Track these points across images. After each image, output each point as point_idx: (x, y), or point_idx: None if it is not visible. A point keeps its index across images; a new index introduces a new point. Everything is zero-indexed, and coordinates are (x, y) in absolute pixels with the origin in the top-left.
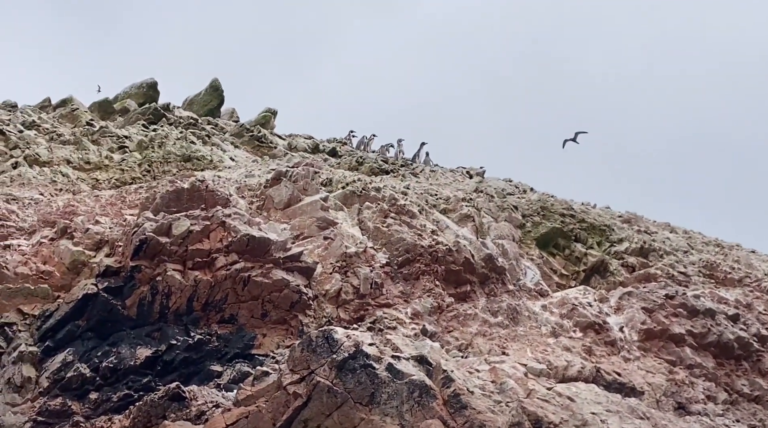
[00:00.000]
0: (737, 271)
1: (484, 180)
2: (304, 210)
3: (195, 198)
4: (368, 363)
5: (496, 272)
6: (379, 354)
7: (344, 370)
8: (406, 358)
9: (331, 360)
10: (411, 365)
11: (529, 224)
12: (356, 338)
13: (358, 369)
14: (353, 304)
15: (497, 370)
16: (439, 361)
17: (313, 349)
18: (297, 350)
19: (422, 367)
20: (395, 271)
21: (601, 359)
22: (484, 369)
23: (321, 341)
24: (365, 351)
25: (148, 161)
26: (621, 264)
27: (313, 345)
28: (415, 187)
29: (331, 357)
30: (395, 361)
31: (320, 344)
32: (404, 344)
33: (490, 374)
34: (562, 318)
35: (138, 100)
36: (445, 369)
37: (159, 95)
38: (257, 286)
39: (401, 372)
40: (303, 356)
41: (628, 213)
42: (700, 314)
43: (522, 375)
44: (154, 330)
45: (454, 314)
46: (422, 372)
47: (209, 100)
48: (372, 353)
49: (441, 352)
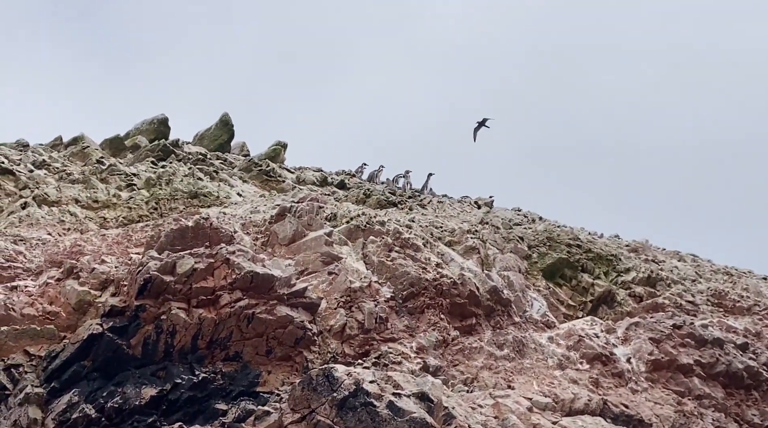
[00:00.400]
0: (746, 300)
1: (491, 210)
2: (308, 245)
3: (199, 235)
4: (369, 401)
5: (502, 304)
6: (380, 391)
7: (345, 409)
8: (407, 395)
9: (331, 398)
10: (412, 402)
11: (536, 255)
12: (357, 376)
13: (358, 408)
14: (358, 339)
15: (500, 405)
16: (440, 397)
17: (314, 388)
18: (297, 389)
19: (423, 404)
20: (400, 305)
21: (609, 391)
22: (488, 404)
23: (321, 379)
24: (366, 388)
25: (156, 199)
26: (628, 294)
27: (314, 384)
28: (420, 220)
29: (331, 396)
30: (396, 398)
31: (321, 382)
32: (405, 380)
33: (493, 409)
34: (568, 349)
35: (149, 136)
36: (446, 406)
37: (170, 131)
38: (261, 323)
39: (402, 410)
40: (303, 395)
41: (635, 242)
42: (708, 344)
43: (526, 410)
44: (159, 370)
45: (460, 347)
46: (423, 409)
47: (219, 135)
48: (373, 390)
49: (443, 388)
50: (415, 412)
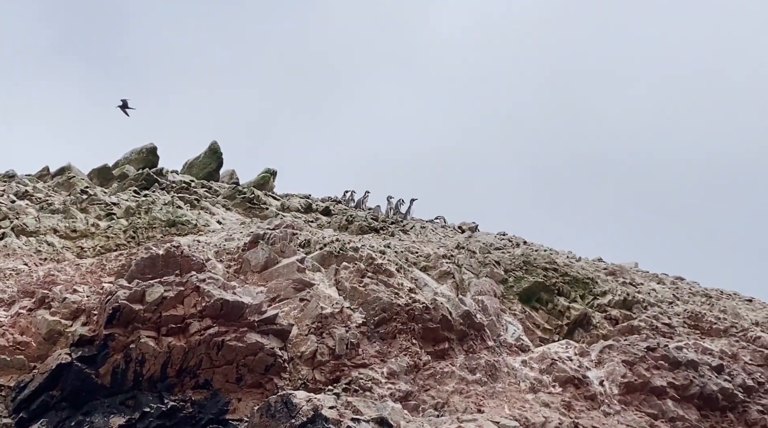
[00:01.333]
0: (723, 321)
1: (473, 235)
2: (280, 272)
3: (170, 264)
4: (327, 426)
5: (475, 329)
6: (339, 417)
7: None
8: (366, 420)
9: (290, 425)
10: (370, 427)
11: (512, 279)
12: (315, 402)
13: None
14: (329, 365)
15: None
16: (399, 422)
17: (272, 415)
18: (256, 416)
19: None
20: (372, 331)
21: (581, 414)
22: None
23: (280, 406)
24: (324, 415)
25: (134, 227)
26: (604, 317)
27: (272, 411)
28: (396, 246)
29: (289, 422)
30: (355, 424)
31: (279, 409)
32: (366, 406)
33: None
34: (541, 373)
35: (138, 165)
36: None
37: (158, 160)
38: (231, 350)
39: None
40: (262, 421)
41: (613, 265)
42: (682, 366)
43: None
44: (128, 398)
45: (431, 372)
46: None
47: (208, 163)
48: (331, 416)
49: (403, 413)
50: None
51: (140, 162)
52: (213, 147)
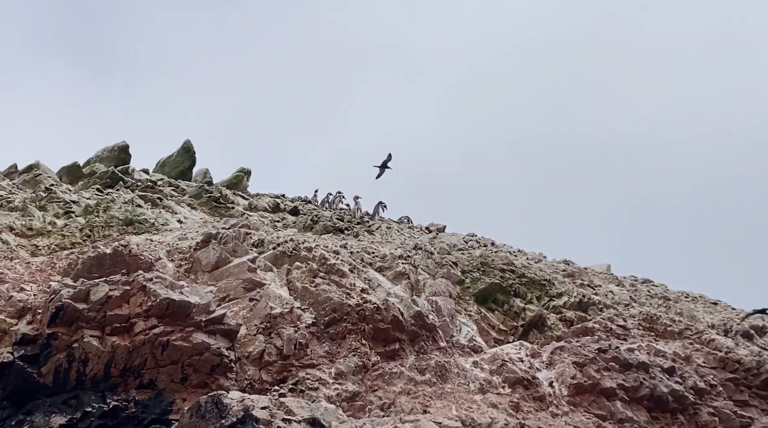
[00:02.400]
0: (678, 324)
1: (438, 236)
2: (231, 272)
3: (118, 263)
4: (257, 427)
5: (427, 329)
6: (270, 418)
7: None
8: (297, 421)
9: (219, 425)
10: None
11: (468, 280)
12: (246, 402)
13: None
14: (276, 366)
15: None
16: (331, 423)
17: (202, 415)
18: (186, 416)
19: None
20: (321, 331)
21: (528, 415)
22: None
23: (210, 406)
24: (254, 415)
25: (90, 226)
26: (559, 318)
27: (202, 411)
28: (353, 246)
29: (219, 423)
30: (286, 425)
31: (209, 409)
32: (299, 407)
33: None
34: (491, 374)
35: (109, 163)
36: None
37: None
38: (176, 350)
39: None
40: (192, 422)
41: (572, 267)
42: (633, 368)
43: None
44: (70, 398)
45: (380, 373)
46: None
47: (181, 162)
48: (262, 417)
49: (336, 414)
50: None
51: (112, 160)
52: (186, 145)
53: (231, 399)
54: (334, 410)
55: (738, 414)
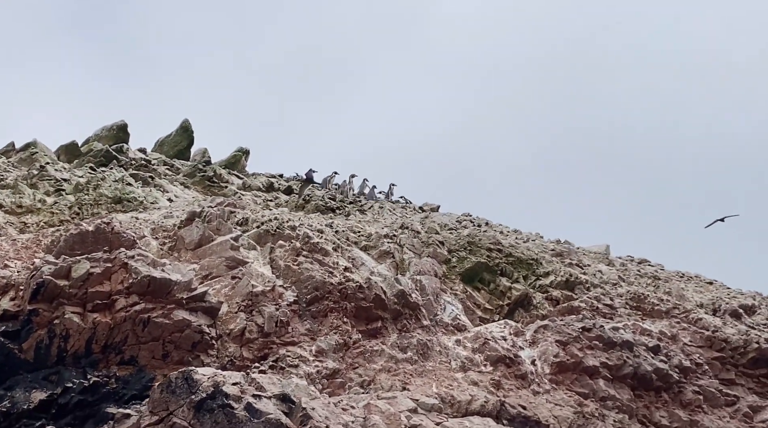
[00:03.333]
0: (665, 303)
1: (429, 215)
2: (214, 250)
3: (100, 240)
4: (227, 403)
5: (410, 308)
6: (240, 393)
7: (202, 410)
8: (267, 397)
9: (189, 401)
10: (272, 404)
11: (455, 259)
12: (217, 378)
13: (215, 410)
14: (257, 343)
15: (372, 406)
16: (301, 399)
17: (173, 390)
18: (156, 391)
19: (284, 405)
20: (303, 309)
21: (509, 392)
22: (360, 405)
23: (180, 382)
24: (225, 391)
25: (79, 204)
26: (545, 297)
27: (173, 387)
28: (339, 225)
29: (189, 398)
30: (255, 400)
31: (180, 385)
32: (271, 383)
33: (364, 410)
34: (473, 352)
35: (108, 142)
36: (304, 407)
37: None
38: (157, 327)
39: (259, 411)
40: (162, 397)
41: (561, 246)
42: (617, 346)
43: (407, 411)
44: (51, 374)
45: (361, 350)
46: (283, 410)
47: (179, 141)
48: (232, 392)
49: (308, 390)
50: (272, 413)
51: (110, 139)
52: (184, 125)
53: (202, 374)
54: (306, 386)
55: (723, 392)
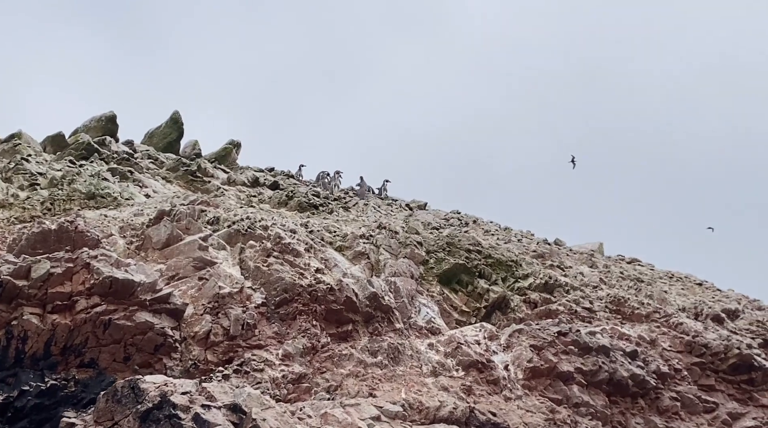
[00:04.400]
0: (646, 306)
1: (414, 213)
2: (181, 250)
3: (63, 239)
4: (174, 413)
5: (382, 311)
6: (189, 403)
7: (148, 421)
8: (217, 407)
9: (135, 410)
10: (221, 414)
11: (433, 260)
12: (164, 387)
13: (162, 420)
14: (222, 346)
15: (329, 416)
16: (252, 409)
17: (118, 400)
18: (102, 400)
19: (235, 416)
20: (272, 312)
21: (480, 398)
22: (317, 414)
23: (127, 391)
24: (172, 400)
25: (52, 199)
26: (523, 300)
27: (119, 396)
28: (314, 224)
29: (135, 408)
30: (204, 411)
31: (126, 394)
32: (222, 392)
33: (320, 420)
34: (446, 356)
35: (96, 133)
36: (254, 418)
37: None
38: (119, 329)
39: (207, 422)
40: (108, 407)
41: (543, 247)
42: (593, 351)
43: (370, 419)
44: (8, 376)
45: (329, 354)
46: (231, 421)
47: (169, 133)
48: (180, 402)
49: (262, 399)
50: (221, 424)
51: (99, 130)
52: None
53: (148, 383)
54: (259, 396)
55: (702, 399)
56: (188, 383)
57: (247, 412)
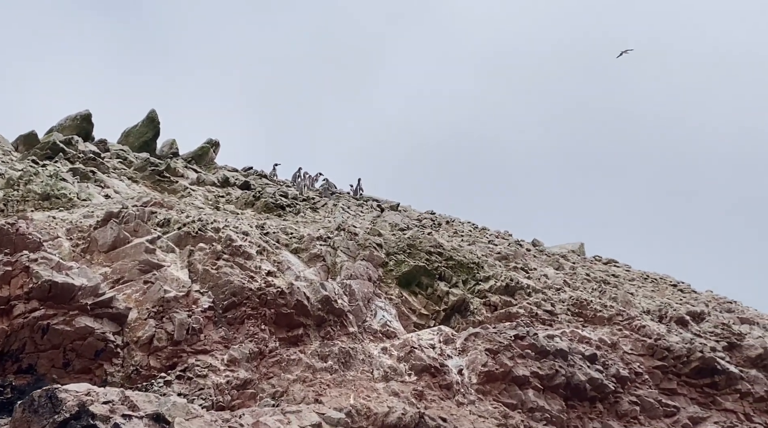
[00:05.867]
0: (609, 309)
1: (382, 214)
2: (127, 252)
3: (3, 242)
4: (93, 423)
5: (335, 314)
6: (109, 413)
7: None
8: (139, 417)
9: (52, 421)
10: (143, 424)
11: (392, 262)
12: (83, 397)
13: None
14: (166, 351)
15: (261, 424)
16: (175, 418)
17: (35, 410)
18: (18, 410)
19: (158, 425)
20: (219, 316)
21: (432, 404)
22: (249, 422)
23: (44, 401)
24: (91, 410)
25: (6, 200)
26: (483, 303)
27: (35, 406)
28: (271, 226)
29: (52, 418)
30: (125, 421)
31: (43, 404)
32: (146, 401)
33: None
34: (398, 361)
35: (71, 132)
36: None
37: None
38: (58, 335)
39: None
40: (24, 417)
41: (509, 249)
42: (550, 355)
43: (310, 426)
44: None
45: (277, 359)
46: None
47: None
48: (99, 412)
49: (189, 408)
50: None
51: (73, 129)
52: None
53: (67, 392)
54: (185, 405)
55: (663, 403)
56: (112, 392)
57: (170, 422)
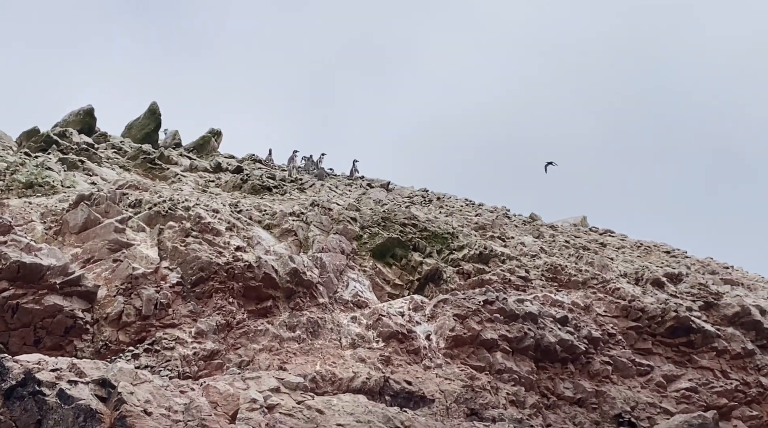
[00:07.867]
0: (583, 273)
1: (368, 192)
2: (97, 233)
3: None
4: (39, 389)
5: (304, 286)
6: (55, 380)
7: (12, 398)
8: (85, 383)
9: None
10: (88, 389)
11: (366, 235)
12: (33, 365)
13: (26, 397)
14: (135, 326)
15: (210, 388)
16: (119, 383)
17: None
18: None
19: (104, 390)
20: (187, 291)
21: (398, 368)
22: (198, 387)
23: None
24: (37, 377)
25: None
26: (456, 271)
27: None
28: (244, 204)
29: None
30: (70, 386)
31: None
32: (93, 368)
33: (202, 392)
34: (367, 329)
35: (75, 127)
36: (120, 392)
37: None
38: (28, 313)
39: (71, 398)
40: None
41: (485, 218)
42: (519, 318)
43: (268, 391)
44: None
45: (244, 331)
46: (97, 396)
47: (147, 124)
48: (45, 379)
49: (137, 374)
50: (84, 399)
51: (77, 124)
52: (152, 107)
53: (14, 362)
54: (132, 370)
55: (636, 362)
56: (63, 361)
57: (116, 386)
